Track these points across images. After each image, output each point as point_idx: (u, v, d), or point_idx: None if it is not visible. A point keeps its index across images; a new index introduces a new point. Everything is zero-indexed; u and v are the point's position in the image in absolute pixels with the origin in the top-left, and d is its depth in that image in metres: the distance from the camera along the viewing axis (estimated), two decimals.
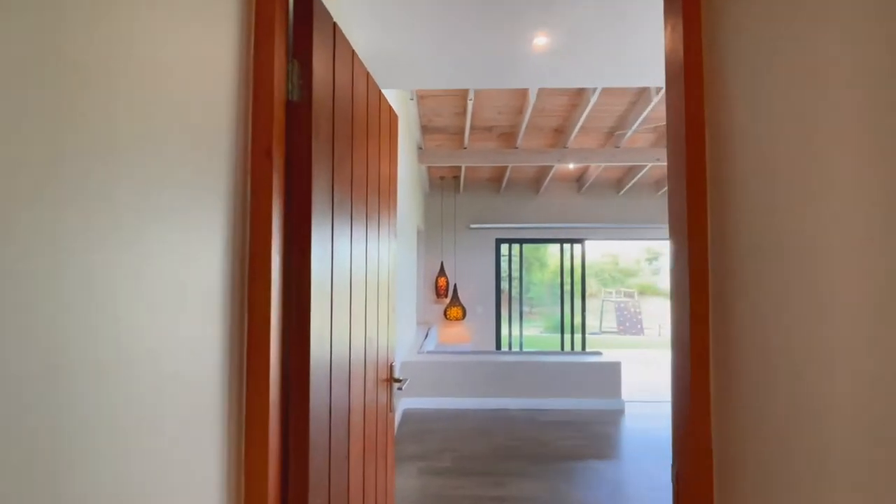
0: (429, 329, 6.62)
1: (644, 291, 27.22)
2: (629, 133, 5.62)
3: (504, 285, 8.09)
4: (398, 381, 1.67)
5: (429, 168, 7.19)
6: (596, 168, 6.90)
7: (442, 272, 7.53)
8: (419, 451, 3.38)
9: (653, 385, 6.50)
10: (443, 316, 7.58)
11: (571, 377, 4.44)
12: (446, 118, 5.60)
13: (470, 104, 4.88)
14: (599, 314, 22.00)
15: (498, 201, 7.83)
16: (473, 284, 7.72)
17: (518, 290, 8.19)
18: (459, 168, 6.98)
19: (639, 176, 7.11)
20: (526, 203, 7.85)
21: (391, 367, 1.67)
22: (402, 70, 3.08)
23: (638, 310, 20.59)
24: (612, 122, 5.80)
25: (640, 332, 19.27)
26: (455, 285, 7.52)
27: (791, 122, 0.73)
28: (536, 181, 7.76)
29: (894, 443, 0.52)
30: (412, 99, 4.77)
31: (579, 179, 7.75)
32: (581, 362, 4.50)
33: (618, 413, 4.30)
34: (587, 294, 8.07)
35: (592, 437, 3.68)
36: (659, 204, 7.90)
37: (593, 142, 6.22)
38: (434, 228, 7.73)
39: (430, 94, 5.05)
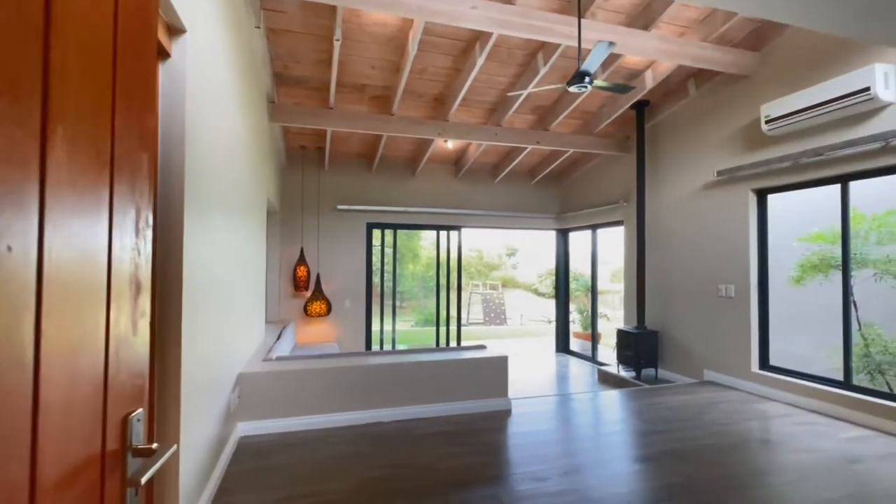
0: (283, 329, 5.43)
1: (506, 284, 28.91)
2: (514, 107, 5.22)
3: (376, 276, 7.23)
4: (146, 451, 0.72)
5: (286, 134, 5.95)
6: (475, 149, 6.46)
7: (302, 260, 6.35)
8: (255, 503, 2.36)
9: (531, 376, 6.32)
10: (303, 312, 6.41)
11: (454, 377, 3.81)
12: (307, 66, 4.51)
13: (336, 46, 3.91)
14: (467, 306, 22.53)
15: (370, 181, 6.91)
16: (341, 274, 6.69)
17: (392, 280, 7.40)
18: (324, 137, 5.90)
19: (515, 163, 6.88)
20: (401, 185, 7.09)
21: (126, 423, 0.72)
22: None
23: (502, 301, 21.54)
24: (494, 98, 5.35)
25: (504, 322, 20.15)
26: (318, 275, 6.41)
27: None
28: (413, 161, 7.05)
29: None
30: (259, 27, 3.61)
31: (457, 163, 7.27)
32: (465, 359, 3.90)
33: (505, 414, 3.80)
34: (454, 286, 7.65)
35: (481, 450, 3.07)
36: (534, 192, 7.86)
37: (475, 117, 5.73)
38: (292, 208, 6.49)
39: (284, 27, 3.93)
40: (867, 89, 3.42)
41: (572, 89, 3.32)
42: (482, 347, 4.34)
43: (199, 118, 2.04)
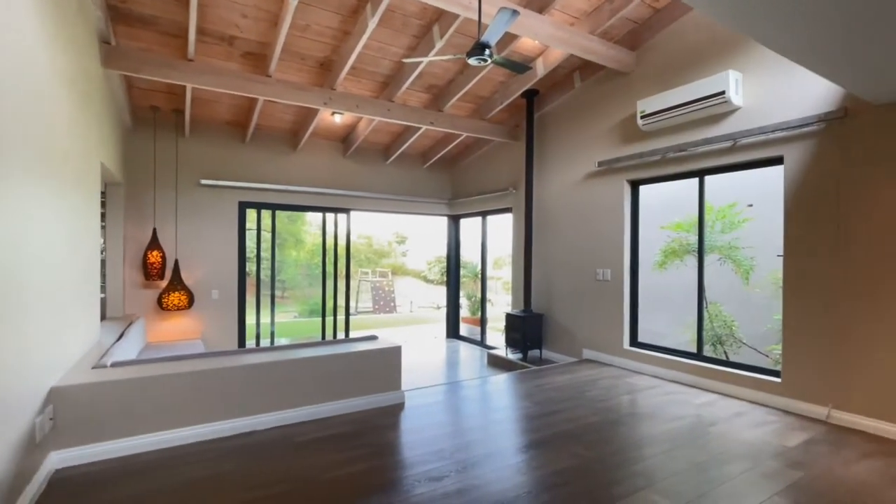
0: (128, 326, 4.47)
1: (396, 272, 28.73)
2: (408, 81, 4.90)
3: (251, 262, 6.41)
4: None
5: (130, 88, 4.85)
6: (366, 126, 6.02)
7: (155, 244, 5.32)
8: None
9: (423, 364, 6.17)
10: (157, 305, 5.40)
11: (343, 373, 3.44)
12: (155, 0, 3.66)
13: None
14: (355, 295, 21.84)
15: (243, 153, 6.05)
16: (206, 261, 5.78)
17: (270, 267, 6.63)
18: (183, 97, 4.94)
19: (407, 144, 6.60)
20: (281, 160, 6.34)
21: None
22: None
23: (391, 289, 21.30)
24: (387, 70, 4.98)
25: (394, 309, 19.96)
26: (177, 262, 5.44)
27: None
28: (294, 134, 6.34)
29: None
30: None
31: (346, 140, 6.74)
32: (354, 352, 3.54)
33: (398, 409, 3.55)
34: (342, 274, 7.19)
35: (373, 453, 2.78)
36: (426, 177, 7.67)
37: (366, 89, 5.29)
38: (141, 181, 5.38)
39: None
40: (722, 93, 3.82)
41: (472, 61, 3.13)
42: (373, 338, 4.02)
43: None
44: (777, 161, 3.69)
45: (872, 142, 3.14)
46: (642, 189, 4.92)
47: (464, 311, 9.51)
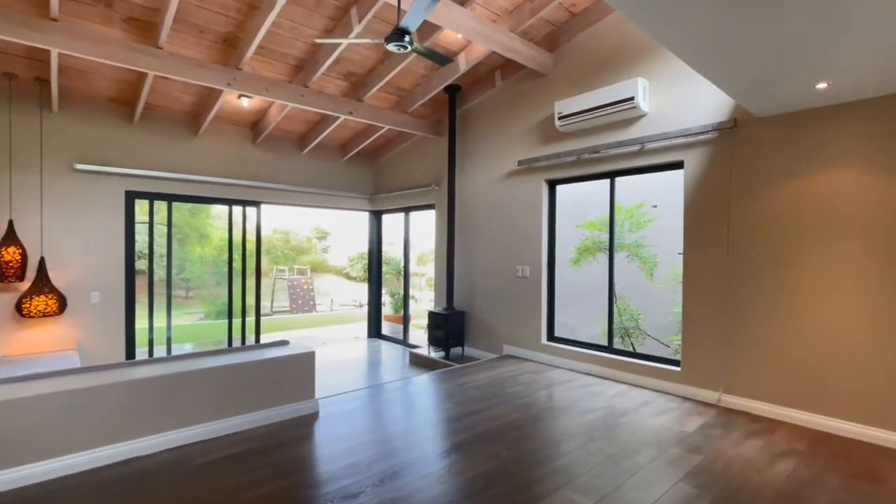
0: None
1: (316, 269, 27.57)
2: (325, 66, 4.58)
3: (143, 260, 5.66)
4: None
5: None
6: (278, 112, 5.57)
7: (12, 238, 4.46)
8: None
9: (342, 367, 5.87)
10: (15, 311, 4.54)
11: (249, 383, 3.11)
12: None
13: None
14: (271, 294, 20.58)
15: (130, 136, 5.30)
16: (83, 258, 4.97)
17: (166, 265, 5.90)
18: (48, 65, 4.17)
19: (325, 134, 6.23)
20: (179, 145, 5.66)
21: None
22: None
23: (311, 287, 20.38)
24: (300, 52, 4.62)
25: (313, 308, 19.11)
26: (42, 260, 4.61)
27: None
28: (195, 116, 5.69)
29: None
30: None
31: (255, 126, 6.19)
32: (262, 360, 3.21)
33: (312, 419, 3.29)
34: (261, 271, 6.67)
35: (282, 471, 2.52)
36: (346, 170, 7.32)
37: (277, 72, 4.87)
38: None
39: None
40: (632, 98, 4.03)
41: (391, 47, 2.96)
42: (284, 343, 3.70)
43: None
44: (679, 165, 3.96)
45: (754, 151, 3.48)
46: (559, 188, 5.08)
47: (387, 309, 9.30)
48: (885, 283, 2.93)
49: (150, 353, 5.62)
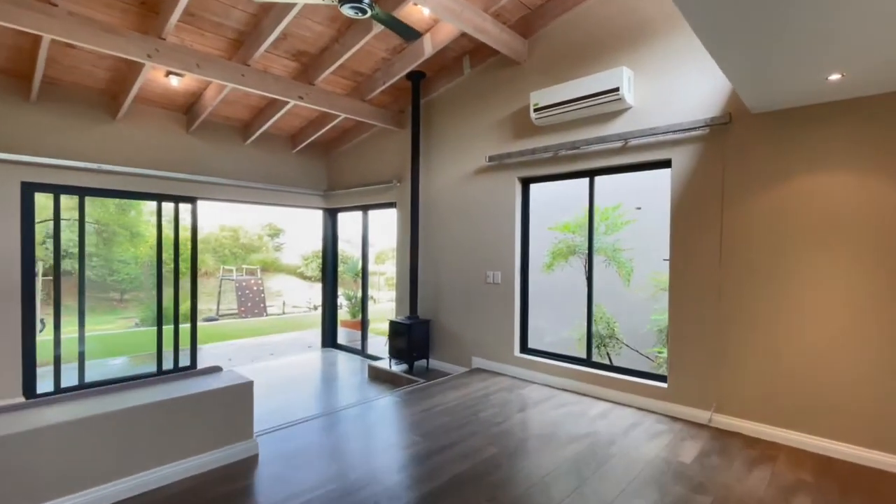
0: None
1: (268, 268, 26.11)
2: (269, 41, 3.93)
3: (46, 262, 4.77)
4: None
5: None
6: (216, 94, 4.83)
7: None
8: None
9: (291, 386, 5.19)
10: None
11: (167, 427, 2.46)
12: None
13: None
14: (217, 296, 19.20)
15: (26, 116, 4.41)
16: None
17: (79, 268, 5.01)
18: None
19: (271, 122, 5.54)
20: (93, 129, 4.80)
21: None
22: None
23: (261, 288, 19.18)
24: (239, 24, 3.95)
25: (263, 311, 17.99)
26: None
27: None
28: (113, 96, 4.85)
29: None
30: None
31: (189, 111, 5.40)
32: (188, 396, 2.58)
33: (250, 464, 2.69)
34: (201, 272, 5.88)
35: None
36: (297, 163, 6.62)
37: (211, 46, 4.17)
38: None
39: None
40: (616, 90, 3.67)
41: (345, 10, 2.41)
42: (215, 371, 3.06)
43: None
44: (665, 164, 3.64)
45: (750, 150, 3.20)
46: (533, 187, 4.68)
47: (343, 313, 8.66)
48: None
49: (56, 374, 4.74)
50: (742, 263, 3.23)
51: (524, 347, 4.66)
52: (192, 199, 5.60)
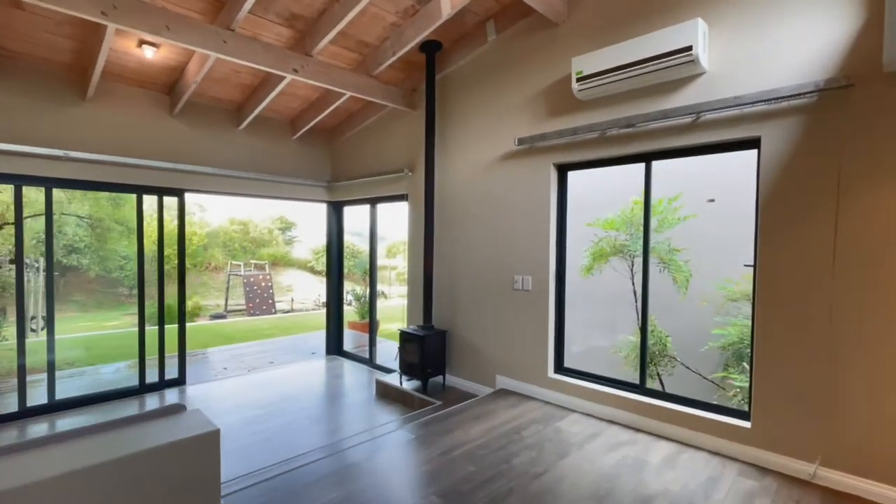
0: None
1: (278, 262, 25.65)
2: (250, 2, 3.21)
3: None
4: None
5: None
6: (198, 68, 4.13)
7: None
8: None
9: (286, 410, 4.47)
10: None
11: (110, 493, 1.81)
12: None
13: None
14: (225, 292, 18.76)
15: None
16: None
17: (46, 267, 4.40)
18: None
19: (266, 103, 4.85)
20: (57, 112, 4.16)
21: None
22: None
23: (270, 284, 18.66)
24: None
25: (272, 308, 17.47)
26: None
27: None
28: (81, 72, 4.19)
29: None
30: None
31: (172, 90, 4.73)
32: (133, 455, 1.91)
33: None
34: (210, 267, 5.26)
35: None
36: (297, 151, 5.93)
37: (184, 6, 3.47)
38: None
39: None
40: (689, 48, 2.87)
41: None
42: (178, 410, 2.38)
43: None
44: (751, 144, 2.85)
45: (881, 122, 2.40)
46: (571, 176, 3.91)
47: (350, 311, 8.03)
48: None
49: (22, 383, 4.15)
50: (866, 275, 2.44)
51: (559, 367, 3.93)
52: (178, 192, 4.95)
